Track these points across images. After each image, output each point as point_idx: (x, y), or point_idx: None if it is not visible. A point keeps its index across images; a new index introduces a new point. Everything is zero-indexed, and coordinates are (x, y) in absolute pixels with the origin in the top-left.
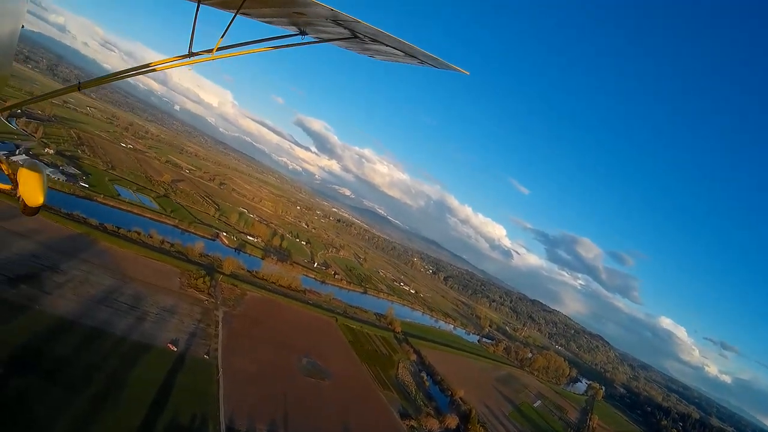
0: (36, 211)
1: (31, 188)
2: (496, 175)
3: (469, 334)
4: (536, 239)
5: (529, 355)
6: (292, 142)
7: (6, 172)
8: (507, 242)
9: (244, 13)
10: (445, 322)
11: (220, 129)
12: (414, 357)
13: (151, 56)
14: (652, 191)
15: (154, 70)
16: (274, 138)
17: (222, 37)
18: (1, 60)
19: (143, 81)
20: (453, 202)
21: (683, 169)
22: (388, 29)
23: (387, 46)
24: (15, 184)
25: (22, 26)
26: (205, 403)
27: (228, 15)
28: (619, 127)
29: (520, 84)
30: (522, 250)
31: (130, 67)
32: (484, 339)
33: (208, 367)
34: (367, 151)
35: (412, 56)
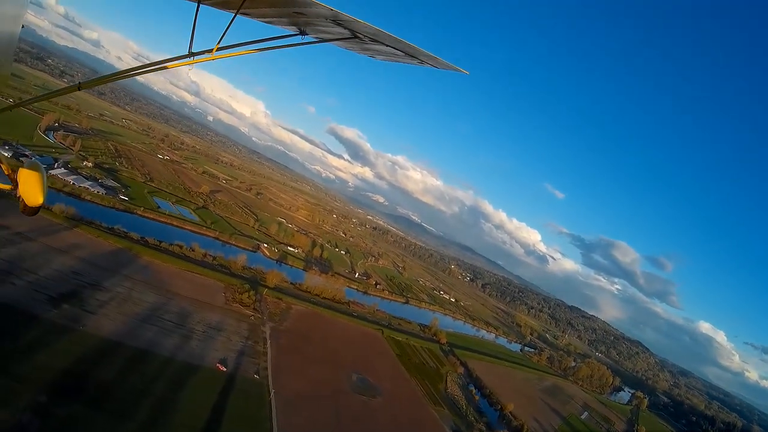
0: (36, 211)
1: (31, 188)
2: (531, 179)
3: (511, 343)
4: (572, 244)
5: (572, 364)
6: (325, 151)
7: (6, 172)
8: (542, 247)
9: (244, 13)
10: (487, 331)
11: (254, 138)
12: (461, 369)
13: (182, 68)
14: (691, 193)
15: (154, 70)
16: (307, 146)
17: (222, 37)
18: (1, 60)
19: (176, 93)
20: (487, 207)
21: (723, 170)
22: (388, 29)
23: (387, 46)
24: (15, 184)
25: (22, 26)
26: (258, 426)
27: (228, 15)
28: (655, 127)
29: (551, 88)
30: (557, 255)
31: (139, 70)
32: (526, 348)
33: (259, 388)
34: (400, 158)
35: (412, 56)
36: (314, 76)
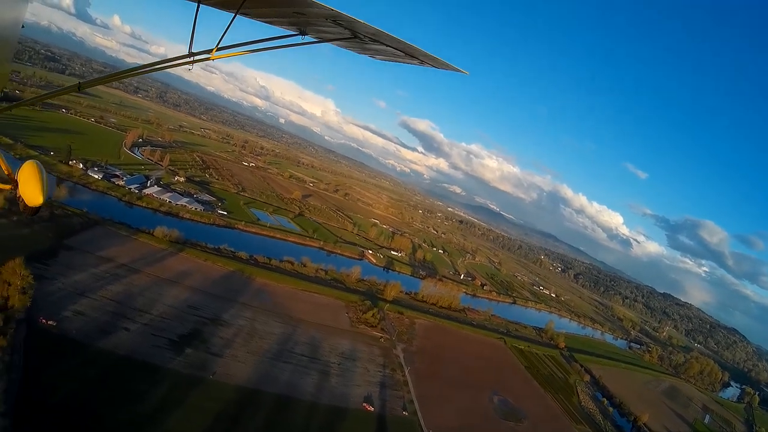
0: (36, 211)
1: (32, 188)
2: (610, 160)
3: (616, 340)
4: (656, 225)
5: (682, 360)
6: (399, 144)
7: (6, 172)
8: (625, 230)
9: (244, 13)
10: (593, 328)
11: (326, 137)
12: (587, 377)
13: (249, 74)
14: None
15: (153, 71)
16: (380, 141)
17: (222, 37)
18: (2, 58)
19: (247, 99)
20: (567, 191)
21: None
22: (388, 29)
23: (387, 46)
24: (15, 183)
25: (23, 26)
26: None
27: (228, 15)
28: (739, 99)
29: (625, 68)
30: (641, 238)
31: (139, 67)
32: (632, 344)
33: (410, 426)
34: (474, 147)
35: (412, 56)
36: (383, 70)
